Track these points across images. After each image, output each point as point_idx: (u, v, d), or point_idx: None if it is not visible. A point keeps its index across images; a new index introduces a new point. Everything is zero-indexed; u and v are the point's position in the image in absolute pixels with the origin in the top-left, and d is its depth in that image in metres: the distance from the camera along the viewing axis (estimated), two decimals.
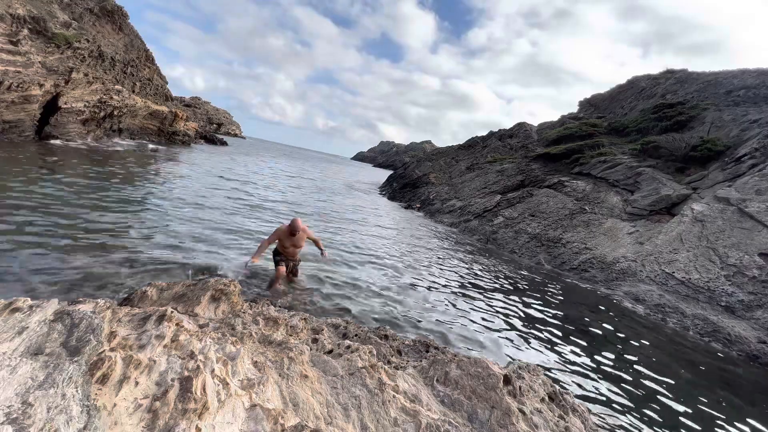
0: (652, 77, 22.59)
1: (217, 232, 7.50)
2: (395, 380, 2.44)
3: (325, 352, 2.79)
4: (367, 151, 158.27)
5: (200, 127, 36.29)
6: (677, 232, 10.30)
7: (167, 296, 3.20)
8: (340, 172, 45.29)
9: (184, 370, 1.79)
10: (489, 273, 9.31)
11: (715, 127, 14.45)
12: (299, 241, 5.30)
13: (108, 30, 19.62)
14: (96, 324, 1.88)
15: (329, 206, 15.05)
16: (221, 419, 1.67)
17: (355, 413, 2.10)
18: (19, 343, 1.66)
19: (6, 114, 12.07)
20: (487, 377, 2.54)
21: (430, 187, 22.48)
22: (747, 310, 7.83)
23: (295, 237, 5.20)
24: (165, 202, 9.04)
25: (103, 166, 11.71)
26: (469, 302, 6.77)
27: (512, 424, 2.26)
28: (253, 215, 9.96)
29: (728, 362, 6.62)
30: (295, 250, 5.42)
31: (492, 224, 15.32)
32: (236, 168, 20.91)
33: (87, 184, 8.77)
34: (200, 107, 56.45)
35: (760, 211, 9.32)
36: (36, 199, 6.67)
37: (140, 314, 2.28)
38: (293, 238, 5.21)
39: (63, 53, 14.16)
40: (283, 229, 5.20)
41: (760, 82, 16.04)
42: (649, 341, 6.71)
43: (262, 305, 3.65)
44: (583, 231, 12.48)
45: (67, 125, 14.90)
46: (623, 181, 13.79)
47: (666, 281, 9.21)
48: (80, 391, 1.51)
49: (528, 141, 22.65)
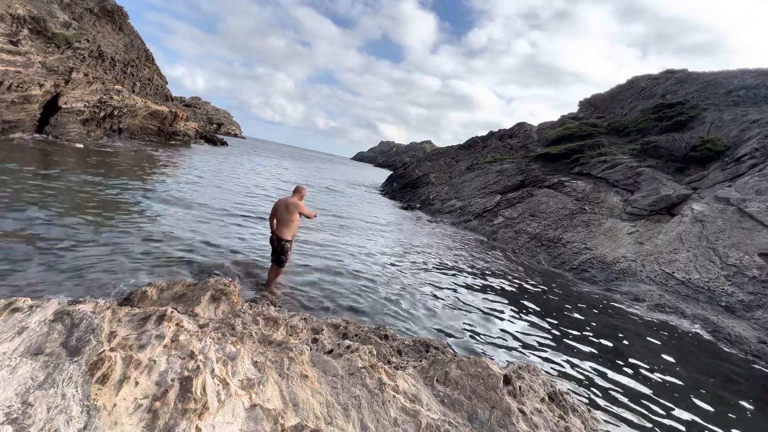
0: (652, 77, 22.60)
1: (218, 232, 7.50)
2: (395, 380, 2.44)
3: (325, 352, 2.79)
4: (367, 151, 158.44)
5: (200, 127, 36.30)
6: (677, 232, 10.30)
7: (167, 296, 3.20)
8: (340, 172, 45.28)
9: (184, 370, 1.78)
10: (489, 273, 9.31)
11: (715, 127, 14.45)
12: (287, 215, 4.79)
13: (108, 30, 19.62)
14: (96, 324, 1.88)
15: (329, 206, 15.04)
16: (221, 419, 1.67)
17: (355, 413, 2.10)
18: (19, 343, 1.66)
19: (6, 114, 12.07)
20: (487, 377, 2.54)
21: (430, 187, 22.48)
22: (747, 310, 7.83)
23: (285, 209, 4.76)
24: (165, 201, 9.04)
25: (103, 166, 11.71)
26: (469, 302, 6.77)
27: (512, 424, 2.26)
28: (254, 216, 9.96)
29: (728, 362, 6.62)
30: (282, 228, 4.86)
31: (492, 224, 15.32)
32: (237, 168, 20.91)
33: (87, 185, 8.77)
34: (200, 107, 56.47)
35: (760, 211, 9.32)
36: (36, 199, 6.67)
37: (140, 314, 2.28)
38: (283, 211, 4.80)
39: (63, 53, 14.16)
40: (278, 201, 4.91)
41: (760, 82, 16.04)
42: (649, 341, 6.71)
43: (262, 305, 3.65)
44: (583, 231, 12.48)
45: (67, 125, 14.90)
46: (623, 181, 13.79)
47: (666, 281, 9.21)
48: (80, 391, 1.51)
49: (528, 141, 22.65)
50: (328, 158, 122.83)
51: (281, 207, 4.90)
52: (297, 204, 4.83)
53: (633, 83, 23.58)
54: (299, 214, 4.88)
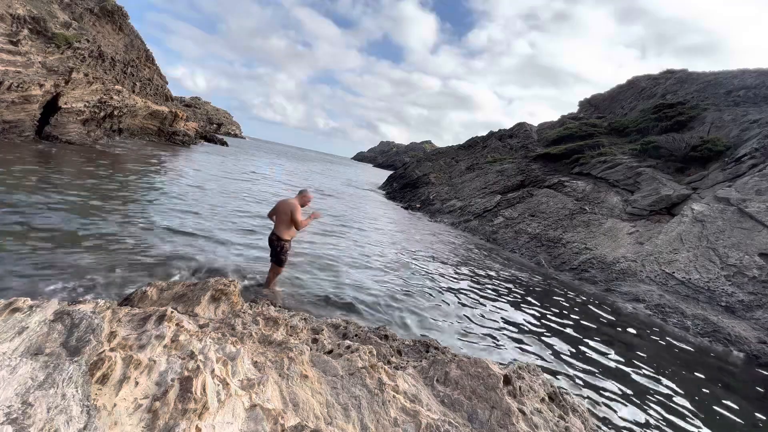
0: (652, 77, 22.60)
1: (218, 232, 7.49)
2: (395, 380, 2.44)
3: (325, 352, 2.79)
4: (367, 151, 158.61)
5: (200, 127, 36.28)
6: (677, 232, 10.30)
7: (167, 296, 3.20)
8: (340, 172, 45.26)
9: (184, 370, 1.78)
10: (489, 273, 9.31)
11: (715, 128, 14.45)
12: (285, 215, 4.80)
13: (108, 30, 19.62)
14: (96, 324, 1.88)
15: (328, 206, 15.04)
16: (221, 419, 1.67)
17: (355, 413, 2.10)
18: (19, 343, 1.66)
19: (6, 114, 12.06)
20: (487, 377, 2.53)
21: (430, 187, 22.47)
22: (747, 310, 7.83)
23: (284, 210, 4.79)
24: (165, 201, 9.04)
25: (103, 166, 11.71)
26: (469, 302, 6.77)
27: (512, 424, 2.25)
28: (253, 216, 9.96)
29: (728, 362, 6.62)
30: (281, 227, 4.86)
31: (492, 224, 15.32)
32: (237, 169, 20.90)
33: (86, 184, 8.77)
34: (200, 107, 56.44)
35: (760, 211, 9.32)
36: (36, 199, 6.67)
37: (140, 314, 2.28)
38: (282, 211, 4.82)
39: (63, 53, 14.15)
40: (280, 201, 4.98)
41: (760, 82, 16.04)
42: (649, 341, 6.71)
43: (262, 305, 3.65)
44: (583, 231, 12.47)
45: (67, 125, 14.89)
46: (623, 181, 13.79)
47: (666, 281, 9.21)
48: (80, 391, 1.51)
49: (528, 141, 22.65)
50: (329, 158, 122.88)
51: (281, 207, 4.89)
52: (294, 207, 4.79)
53: (633, 83, 23.58)
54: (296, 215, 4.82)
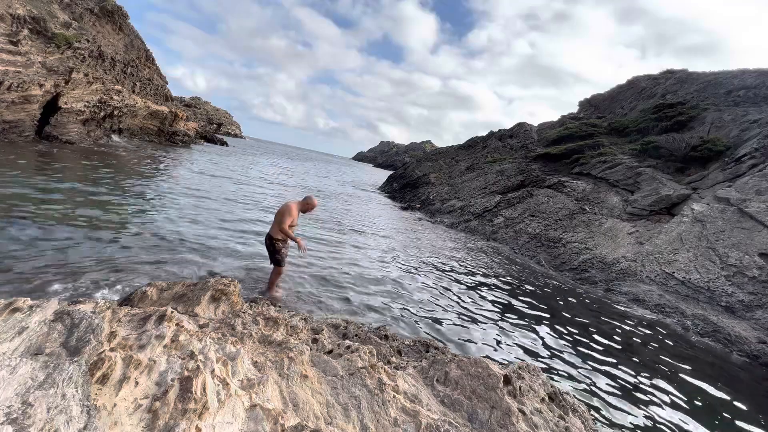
0: (652, 77, 22.60)
1: (218, 232, 7.49)
2: (395, 380, 2.44)
3: (325, 352, 2.79)
4: (367, 151, 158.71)
5: (200, 127, 36.28)
6: (677, 232, 10.30)
7: (167, 296, 3.20)
8: (339, 172, 45.27)
9: (184, 370, 1.78)
10: (488, 273, 9.31)
11: (715, 128, 14.45)
12: (279, 216, 4.84)
13: (108, 30, 19.62)
14: (96, 324, 1.88)
15: (329, 206, 15.04)
16: (221, 419, 1.67)
17: (355, 413, 2.10)
18: (19, 343, 1.66)
19: (6, 114, 12.07)
20: (487, 377, 2.53)
21: (430, 187, 22.47)
22: (747, 310, 7.83)
23: (281, 211, 4.84)
24: (165, 202, 9.04)
25: (103, 166, 11.71)
26: (469, 302, 6.77)
27: (512, 424, 2.25)
28: (253, 216, 9.96)
29: (728, 362, 6.62)
30: (275, 227, 4.90)
31: (492, 224, 15.32)
32: (237, 169, 20.91)
33: (87, 184, 8.77)
34: (200, 107, 56.44)
35: (760, 211, 9.32)
36: (36, 199, 6.67)
37: (140, 314, 2.28)
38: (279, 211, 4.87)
39: (63, 53, 14.15)
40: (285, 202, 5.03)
41: (760, 82, 16.04)
42: (650, 342, 6.71)
43: (262, 305, 3.66)
44: (583, 231, 12.47)
45: (67, 125, 14.89)
46: (623, 181, 13.79)
47: (666, 281, 9.20)
48: (80, 391, 1.51)
49: (528, 141, 22.64)
50: (329, 158, 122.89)
51: (280, 208, 4.97)
52: (287, 210, 4.78)
53: (633, 83, 23.58)
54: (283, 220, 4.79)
